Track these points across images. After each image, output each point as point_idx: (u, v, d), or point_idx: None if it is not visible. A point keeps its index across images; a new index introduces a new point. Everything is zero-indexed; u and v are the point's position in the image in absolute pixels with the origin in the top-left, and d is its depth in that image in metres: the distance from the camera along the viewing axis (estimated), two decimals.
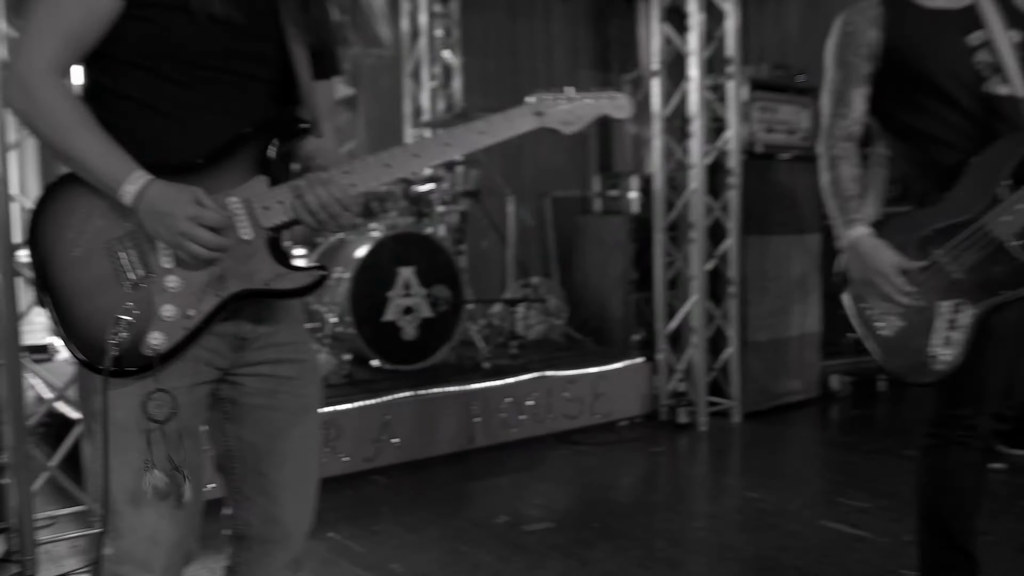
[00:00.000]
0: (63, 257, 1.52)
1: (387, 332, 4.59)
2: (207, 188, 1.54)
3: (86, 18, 1.52)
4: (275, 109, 1.68)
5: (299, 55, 1.69)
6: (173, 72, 1.56)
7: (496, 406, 4.53)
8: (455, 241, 5.58)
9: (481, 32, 7.31)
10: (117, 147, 1.51)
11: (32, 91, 1.49)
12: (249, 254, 1.57)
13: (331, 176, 1.58)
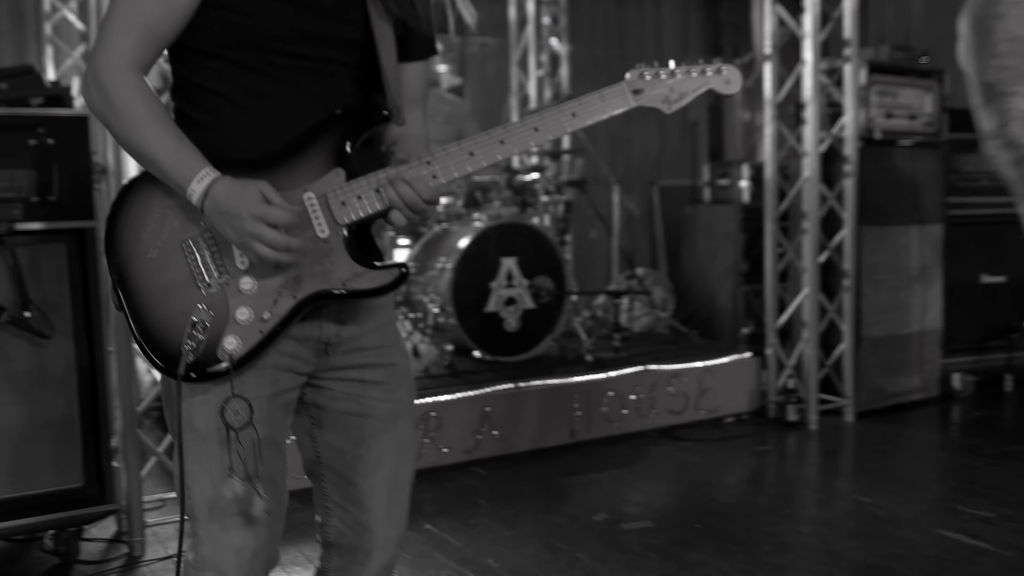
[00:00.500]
0: (139, 260, 1.52)
1: (489, 323, 4.57)
2: (282, 183, 1.51)
3: (164, 11, 1.50)
4: (359, 96, 1.64)
5: (383, 37, 1.63)
6: (253, 61, 1.53)
7: (598, 400, 4.46)
8: (559, 231, 5.52)
9: (589, 19, 7.22)
10: (188, 144, 1.48)
11: (107, 88, 1.47)
12: (325, 252, 1.53)
13: (411, 169, 1.53)
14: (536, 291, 4.65)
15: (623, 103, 1.60)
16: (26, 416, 2.88)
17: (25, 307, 2.84)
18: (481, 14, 6.99)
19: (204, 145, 1.50)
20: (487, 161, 1.58)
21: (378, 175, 1.54)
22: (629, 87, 1.60)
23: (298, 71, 1.56)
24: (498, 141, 1.58)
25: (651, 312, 5.72)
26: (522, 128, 1.59)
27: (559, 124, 1.60)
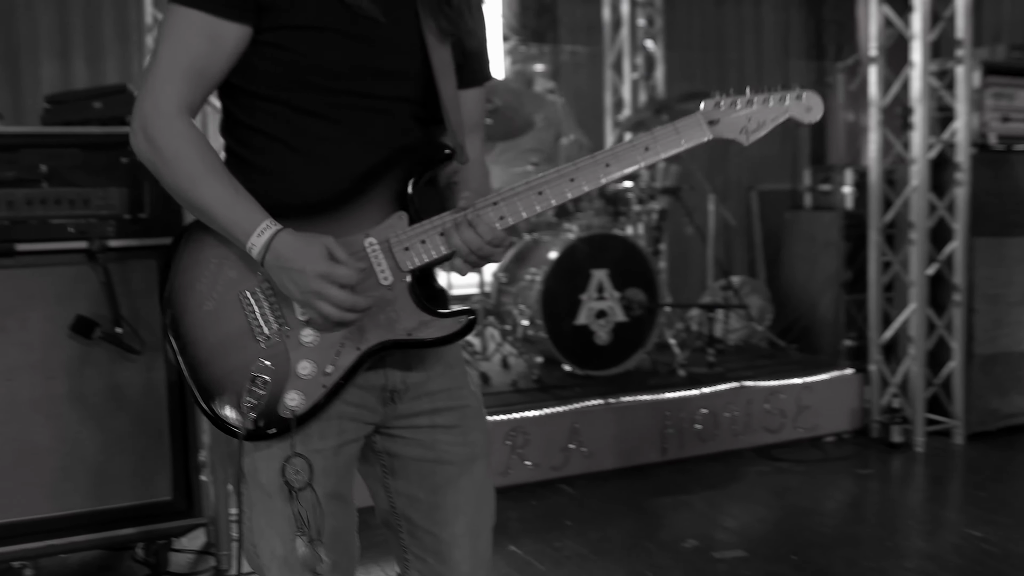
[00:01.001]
0: (195, 312, 1.47)
1: (579, 336, 4.48)
2: (343, 228, 1.45)
3: (211, 51, 1.44)
4: (418, 133, 1.57)
5: (442, 65, 1.56)
6: (308, 103, 1.47)
7: (691, 417, 4.33)
8: (653, 240, 5.39)
9: (685, 20, 7.03)
10: (244, 195, 1.43)
11: (156, 137, 1.42)
12: (389, 300, 1.47)
13: (477, 210, 1.46)
14: (628, 304, 4.54)
15: (699, 135, 1.52)
16: (117, 430, 2.92)
17: (117, 323, 2.88)
18: (574, 17, 6.90)
19: (259, 188, 1.45)
20: (557, 200, 1.51)
21: (443, 218, 1.48)
22: (705, 118, 1.52)
23: (356, 110, 1.50)
24: (568, 179, 1.50)
25: (747, 324, 5.53)
26: (593, 164, 1.51)
27: (632, 159, 1.52)
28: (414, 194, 1.49)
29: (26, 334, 2.86)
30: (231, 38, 1.44)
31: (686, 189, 5.54)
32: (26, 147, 2.82)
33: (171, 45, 1.45)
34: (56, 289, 2.88)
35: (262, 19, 1.45)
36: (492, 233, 1.45)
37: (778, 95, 1.53)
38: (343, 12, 1.46)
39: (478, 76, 1.69)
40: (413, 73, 1.55)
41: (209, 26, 1.43)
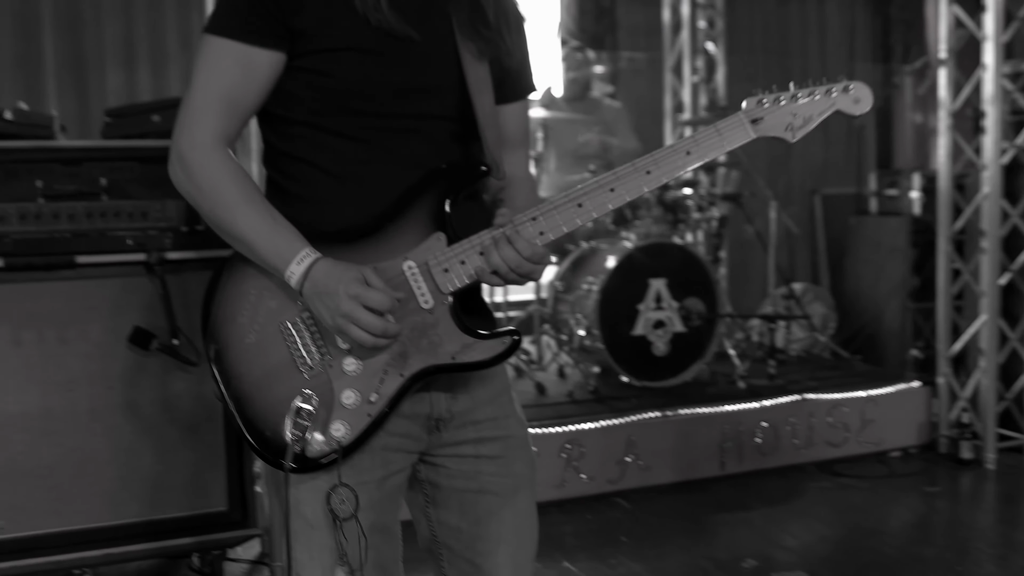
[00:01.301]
0: (237, 345, 1.46)
1: (636, 347, 4.41)
2: (381, 253, 1.44)
3: (244, 80, 1.43)
4: (456, 150, 1.55)
5: (478, 81, 1.53)
6: (343, 126, 1.46)
7: (751, 430, 4.23)
8: (713, 248, 5.30)
9: (747, 21, 6.92)
10: (282, 225, 1.42)
11: (193, 169, 1.42)
12: (431, 324, 1.44)
13: (516, 228, 1.43)
14: (686, 314, 4.46)
15: (742, 135, 1.47)
16: (173, 440, 2.94)
17: (174, 335, 2.89)
18: (633, 21, 6.83)
19: (299, 216, 1.44)
20: (597, 212, 1.47)
21: (481, 236, 1.45)
22: (747, 117, 1.47)
23: (391, 132, 1.48)
24: (608, 189, 1.46)
25: (810, 334, 5.41)
26: (633, 173, 1.46)
27: (674, 165, 1.47)
28: (451, 214, 1.47)
29: (86, 345, 2.89)
30: (264, 65, 1.44)
31: (747, 195, 5.44)
32: (87, 160, 2.85)
33: (205, 76, 1.44)
34: (115, 300, 2.90)
35: (295, 45, 1.44)
36: (531, 249, 1.42)
37: (824, 88, 1.48)
38: (375, 33, 1.44)
39: (519, 90, 1.67)
40: (449, 90, 1.52)
41: (242, 54, 1.43)
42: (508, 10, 1.61)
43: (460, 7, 1.54)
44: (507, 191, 1.62)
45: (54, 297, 2.86)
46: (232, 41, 1.43)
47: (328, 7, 1.45)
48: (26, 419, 2.82)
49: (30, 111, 2.94)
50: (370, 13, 1.43)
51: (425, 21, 1.50)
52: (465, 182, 1.49)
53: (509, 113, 1.65)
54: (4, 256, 2.75)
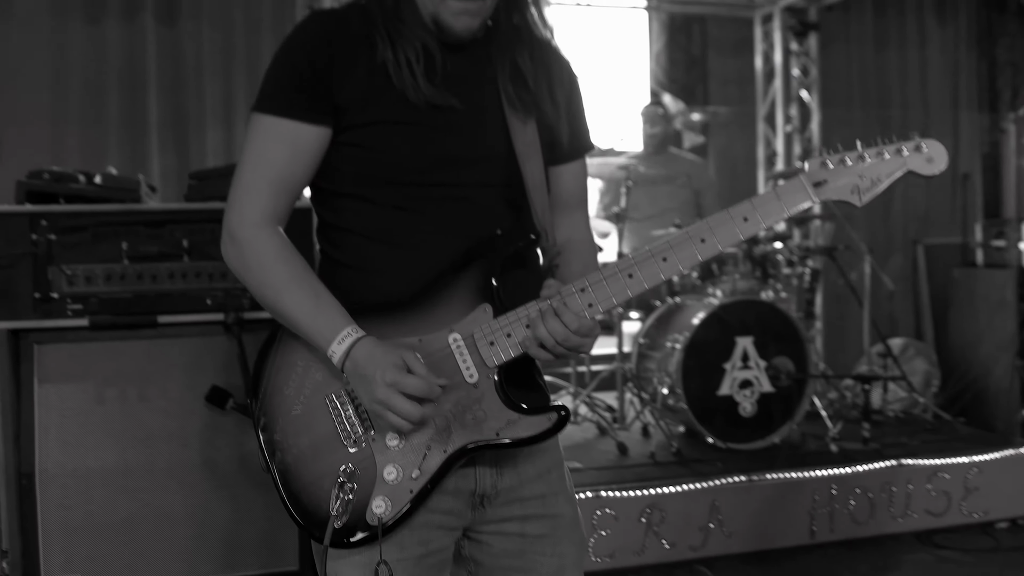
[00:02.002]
0: (284, 418, 1.46)
1: (722, 407, 4.28)
2: (427, 325, 1.42)
3: (292, 157, 1.45)
4: (507, 216, 1.52)
5: (525, 146, 1.52)
6: (390, 198, 1.46)
7: (843, 496, 4.03)
8: (805, 304, 5.12)
9: (843, 67, 6.73)
10: (327, 302, 1.43)
11: (242, 248, 1.45)
12: (476, 399, 1.42)
13: (564, 300, 1.39)
14: (774, 373, 4.31)
15: (802, 199, 1.41)
16: (246, 499, 2.97)
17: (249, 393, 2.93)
18: (725, 69, 6.74)
19: (347, 287, 1.46)
20: (649, 283, 1.43)
21: (528, 308, 1.42)
22: (809, 180, 1.41)
23: (438, 201, 1.47)
24: (660, 258, 1.43)
25: (909, 394, 5.16)
26: (686, 241, 1.42)
27: (729, 232, 1.42)
28: (498, 285, 1.44)
29: (165, 402, 2.95)
30: (311, 141, 1.46)
31: (841, 248, 5.26)
32: (170, 223, 2.94)
33: (254, 154, 1.47)
34: (193, 359, 2.97)
35: (339, 120, 1.45)
36: (578, 323, 1.39)
37: (894, 147, 1.41)
38: (416, 105, 1.45)
39: (573, 151, 1.64)
40: (496, 157, 1.51)
41: (289, 131, 1.45)
42: (552, 71, 1.60)
43: (503, 72, 1.53)
44: (563, 256, 1.60)
45: (136, 355, 2.93)
46: (279, 118, 1.46)
47: (370, 82, 1.46)
48: (105, 474, 2.89)
49: (118, 175, 3.05)
50: (408, 90, 1.44)
51: (468, 88, 1.50)
52: (512, 251, 1.47)
53: (563, 174, 1.63)
54: (89, 315, 2.84)
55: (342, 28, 1.50)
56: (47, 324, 2.83)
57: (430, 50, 1.49)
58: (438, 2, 1.47)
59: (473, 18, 1.48)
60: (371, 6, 1.53)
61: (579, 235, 1.66)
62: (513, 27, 1.57)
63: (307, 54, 1.46)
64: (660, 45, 6.58)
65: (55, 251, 2.83)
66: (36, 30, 5.31)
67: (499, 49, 1.56)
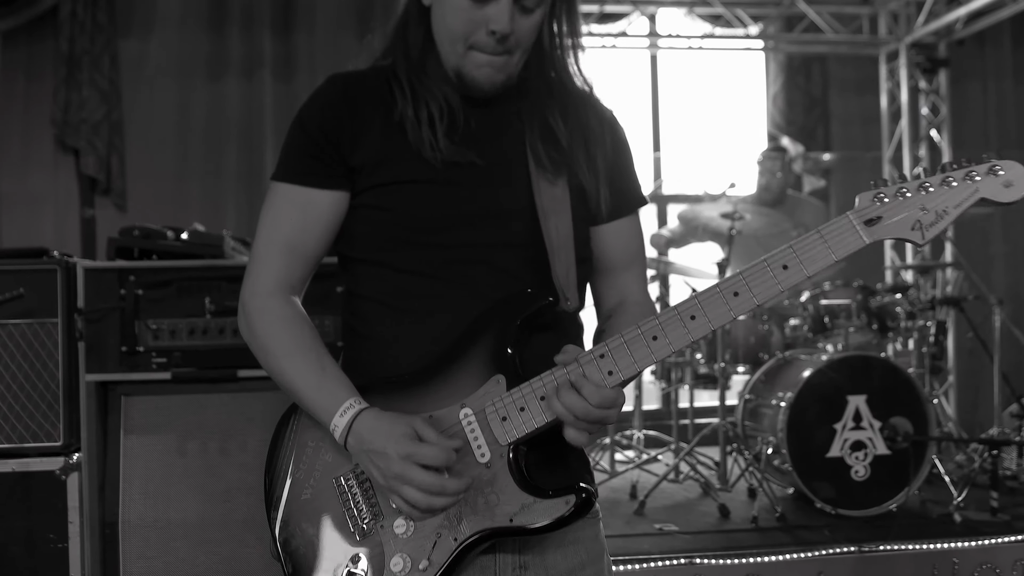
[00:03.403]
0: (294, 502, 1.40)
1: (832, 470, 4.01)
2: (439, 399, 1.34)
3: (305, 223, 1.42)
4: (531, 279, 1.42)
5: (551, 202, 1.42)
6: (405, 261, 1.40)
7: (967, 572, 3.70)
8: (931, 358, 4.78)
9: (977, 104, 6.35)
10: (332, 374, 1.36)
11: (251, 317, 1.42)
12: (488, 480, 1.31)
13: (581, 367, 1.28)
14: (891, 434, 4.01)
15: (852, 241, 1.25)
16: None
17: None
18: (848, 109, 6.46)
19: (362, 358, 1.41)
20: (676, 345, 1.30)
21: (543, 379, 1.31)
22: (858, 218, 1.24)
23: (456, 264, 1.40)
24: (688, 317, 1.29)
25: None
26: (717, 296, 1.28)
27: (767, 285, 1.27)
28: (512, 353, 1.34)
29: (245, 456, 2.96)
30: (325, 206, 1.42)
31: (969, 299, 4.90)
32: None
33: (268, 222, 1.45)
34: (272, 413, 2.91)
35: (355, 182, 1.41)
36: (599, 396, 1.27)
37: (962, 172, 1.23)
38: (435, 162, 1.39)
39: (620, 208, 1.54)
40: (518, 215, 1.43)
41: (302, 197, 1.42)
42: (590, 129, 1.50)
43: (532, 131, 1.46)
44: (613, 320, 1.50)
45: (217, 409, 2.96)
46: (292, 185, 1.44)
47: (385, 142, 1.41)
48: (185, 527, 2.90)
49: (204, 232, 3.11)
50: (424, 148, 1.39)
51: (491, 144, 1.44)
52: (526, 316, 1.37)
53: (609, 234, 1.54)
54: (172, 368, 2.89)
55: (358, 88, 1.47)
56: (133, 377, 2.89)
57: (452, 106, 1.44)
58: (461, 55, 1.41)
59: (497, 72, 1.42)
60: (396, 60, 1.49)
61: (632, 296, 1.56)
62: (545, 82, 1.50)
63: (318, 119, 1.44)
64: (778, 86, 6.36)
65: (142, 305, 2.89)
66: (164, 89, 5.60)
67: (529, 106, 1.49)
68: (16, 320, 2.84)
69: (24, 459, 2.84)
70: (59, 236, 5.43)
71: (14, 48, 5.41)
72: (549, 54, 1.51)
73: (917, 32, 6.01)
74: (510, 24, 1.37)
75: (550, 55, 1.51)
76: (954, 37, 6.11)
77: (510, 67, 1.43)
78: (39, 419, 2.87)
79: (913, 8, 6.06)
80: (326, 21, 5.72)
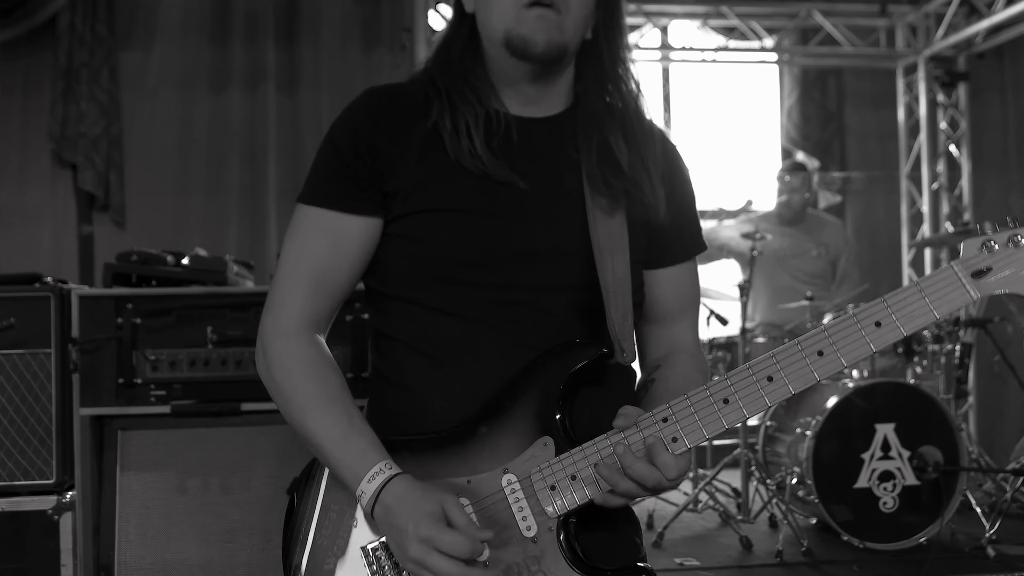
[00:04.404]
0: (316, 571, 1.25)
1: (859, 501, 3.85)
2: (479, 462, 1.19)
3: (335, 252, 1.27)
4: (582, 326, 1.27)
5: (608, 240, 1.27)
6: (441, 300, 1.25)
7: None
8: (956, 383, 4.62)
9: (997, 118, 6.20)
10: (358, 431, 1.22)
11: (271, 359, 1.27)
12: (535, 556, 1.17)
13: (642, 431, 1.15)
14: (920, 464, 3.86)
15: (958, 296, 1.11)
16: None
17: None
18: (865, 123, 6.32)
19: (393, 411, 1.28)
20: (751, 411, 1.16)
21: (597, 444, 1.17)
22: (964, 269, 1.11)
23: (498, 306, 1.24)
24: (764, 378, 1.15)
25: None
26: (798, 354, 1.15)
27: (857, 343, 1.14)
28: (562, 415, 1.20)
29: (248, 494, 2.81)
30: (356, 234, 1.28)
31: (996, 320, 4.75)
32: (256, 306, 2.82)
33: (294, 250, 1.31)
34: (279, 449, 2.82)
35: (390, 208, 1.27)
36: (676, 468, 1.14)
37: None
38: (477, 189, 1.24)
39: (678, 253, 1.40)
40: (571, 253, 1.28)
41: (332, 223, 1.28)
42: (653, 155, 1.35)
43: (589, 151, 1.30)
44: (662, 371, 1.35)
45: (220, 444, 2.81)
46: (321, 209, 1.29)
47: (423, 162, 1.27)
48: (184, 568, 2.76)
49: (207, 257, 2.97)
50: (463, 157, 1.24)
51: (541, 166, 1.29)
52: (579, 371, 1.22)
53: (666, 279, 1.39)
54: (172, 401, 2.75)
55: (395, 104, 1.33)
56: (130, 411, 2.75)
57: (496, 112, 1.30)
58: (512, 15, 1.27)
59: (553, 29, 1.27)
60: (434, 70, 1.36)
61: (683, 348, 1.41)
62: (603, 99, 1.36)
63: (352, 138, 1.30)
64: (792, 100, 6.22)
65: (140, 335, 2.76)
66: (165, 102, 5.46)
67: (585, 123, 1.34)
68: (7, 351, 2.72)
69: (15, 498, 2.71)
70: (56, 253, 5.29)
71: (11, 60, 5.28)
72: (608, 69, 1.37)
73: (936, 45, 5.87)
74: None
75: (609, 70, 1.37)
76: (974, 50, 5.98)
77: (565, 29, 1.28)
78: (31, 455, 2.74)
79: (932, 21, 5.93)
80: (331, 33, 5.58)
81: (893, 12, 5.96)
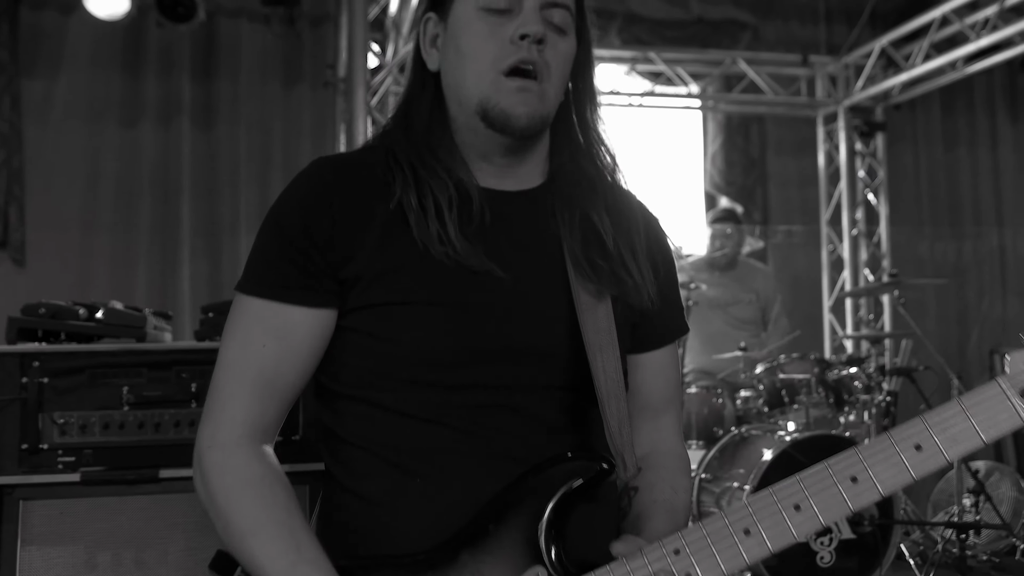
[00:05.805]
0: None
1: (796, 556, 3.77)
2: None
3: (281, 350, 1.11)
4: (569, 433, 1.15)
5: (598, 333, 1.14)
6: (406, 403, 1.10)
7: None
8: (883, 431, 4.65)
9: (911, 168, 6.37)
10: (311, 558, 1.05)
11: (209, 476, 1.11)
12: None
13: (650, 565, 1.02)
14: (856, 519, 3.83)
15: (1007, 419, 1.00)
16: None
17: None
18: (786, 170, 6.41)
19: (349, 526, 1.12)
20: (775, 544, 1.07)
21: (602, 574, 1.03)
22: (1013, 386, 0.99)
23: (472, 410, 1.10)
24: (791, 506, 1.10)
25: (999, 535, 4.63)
26: (826, 483, 1.11)
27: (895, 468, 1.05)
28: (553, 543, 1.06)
29: (165, 568, 2.59)
30: (305, 329, 1.12)
31: (920, 369, 4.80)
32: (177, 364, 2.61)
33: (233, 349, 1.14)
34: (198, 519, 2.60)
35: (346, 299, 1.12)
36: None
37: None
38: (449, 277, 1.10)
39: (663, 335, 1.28)
40: (555, 348, 1.14)
41: (277, 317, 1.12)
42: (635, 231, 1.23)
43: (570, 229, 1.17)
44: (644, 476, 1.21)
45: (134, 514, 2.58)
46: (265, 301, 1.13)
47: (384, 250, 1.12)
48: None
49: (123, 310, 2.75)
50: (432, 244, 1.09)
51: (519, 250, 1.15)
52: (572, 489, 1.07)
53: (648, 365, 1.26)
54: (82, 468, 2.52)
55: (351, 178, 1.18)
56: (34, 479, 2.50)
57: (466, 190, 1.16)
58: (490, 85, 1.14)
59: (534, 100, 1.15)
60: (394, 140, 1.21)
61: (666, 446, 1.29)
62: (581, 170, 1.25)
63: (301, 217, 1.15)
64: (716, 146, 6.27)
65: (47, 396, 2.52)
66: (71, 134, 5.18)
67: (564, 198, 1.22)
68: None
69: None
70: None
71: None
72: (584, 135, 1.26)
73: (855, 96, 6.00)
74: (542, 28, 1.14)
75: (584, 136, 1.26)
76: (891, 102, 6.12)
77: (548, 99, 1.18)
78: None
79: (852, 72, 6.06)
80: (250, 67, 5.38)
81: (814, 63, 6.08)
